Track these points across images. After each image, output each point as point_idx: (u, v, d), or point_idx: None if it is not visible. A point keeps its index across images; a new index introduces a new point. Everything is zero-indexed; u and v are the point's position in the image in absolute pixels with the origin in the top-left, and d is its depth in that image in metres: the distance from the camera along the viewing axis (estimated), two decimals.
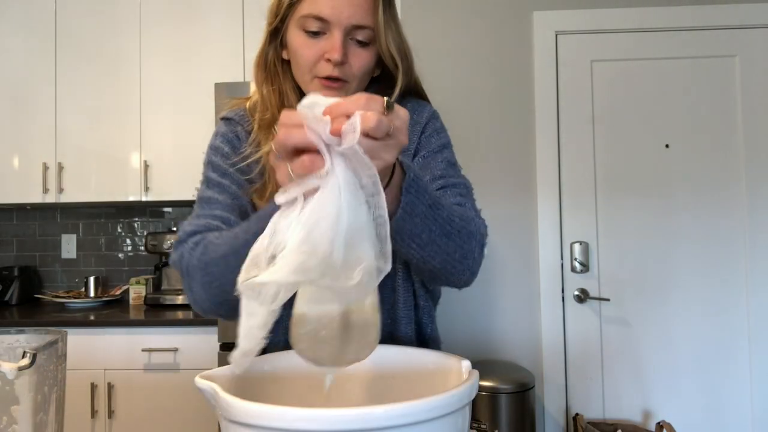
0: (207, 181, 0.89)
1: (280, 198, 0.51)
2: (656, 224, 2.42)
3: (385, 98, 0.52)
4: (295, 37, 0.84)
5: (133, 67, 2.61)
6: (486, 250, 0.81)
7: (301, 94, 0.87)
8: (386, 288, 0.89)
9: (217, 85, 2.28)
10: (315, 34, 0.82)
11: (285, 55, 0.89)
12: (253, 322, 0.50)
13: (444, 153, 0.90)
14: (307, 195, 0.50)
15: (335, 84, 0.83)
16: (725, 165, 2.42)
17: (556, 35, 2.48)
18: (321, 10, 0.80)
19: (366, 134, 0.49)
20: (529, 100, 2.48)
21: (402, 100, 0.95)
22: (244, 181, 0.88)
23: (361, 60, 0.84)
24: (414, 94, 0.97)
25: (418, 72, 0.96)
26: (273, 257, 0.50)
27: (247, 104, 0.94)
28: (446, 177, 0.86)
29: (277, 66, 0.90)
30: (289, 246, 0.49)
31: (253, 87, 0.96)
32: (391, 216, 0.61)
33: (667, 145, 2.44)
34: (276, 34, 0.88)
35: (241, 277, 0.50)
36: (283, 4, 0.85)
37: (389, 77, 0.91)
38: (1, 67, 2.64)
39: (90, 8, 2.63)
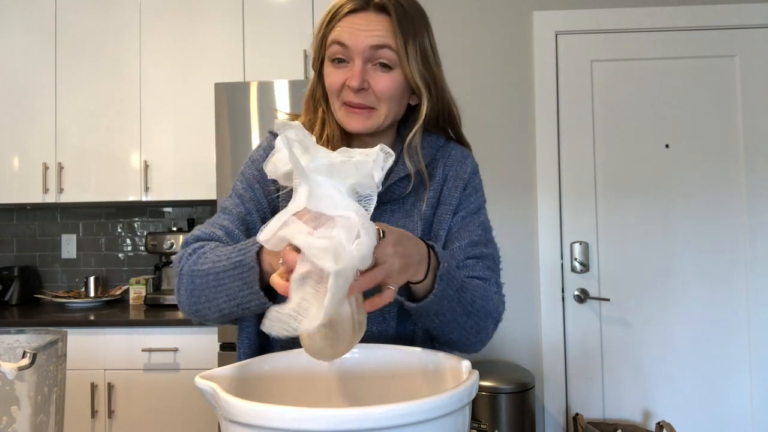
0: (233, 189, 0.96)
1: (261, 236, 0.60)
2: (656, 224, 2.42)
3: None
4: (325, 69, 0.90)
5: (133, 67, 2.61)
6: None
7: (339, 126, 0.92)
8: (407, 330, 0.91)
9: (217, 85, 2.28)
10: (340, 63, 0.86)
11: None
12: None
13: (480, 216, 0.95)
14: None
15: (361, 111, 0.87)
16: (725, 165, 2.42)
17: (556, 35, 2.48)
18: (341, 35, 0.85)
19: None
20: (529, 100, 2.48)
21: (444, 144, 0.97)
22: (264, 199, 0.92)
23: (383, 83, 0.85)
24: (451, 130, 0.99)
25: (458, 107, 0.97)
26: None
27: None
28: (480, 245, 0.91)
29: (321, 100, 0.95)
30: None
31: (253, 87, 0.98)
32: (420, 298, 0.75)
33: (667, 145, 2.44)
34: (318, 72, 0.93)
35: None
36: (317, 41, 0.90)
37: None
38: (1, 67, 2.64)
39: (90, 8, 2.63)
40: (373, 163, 0.60)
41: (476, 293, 0.82)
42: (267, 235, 0.59)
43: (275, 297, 0.74)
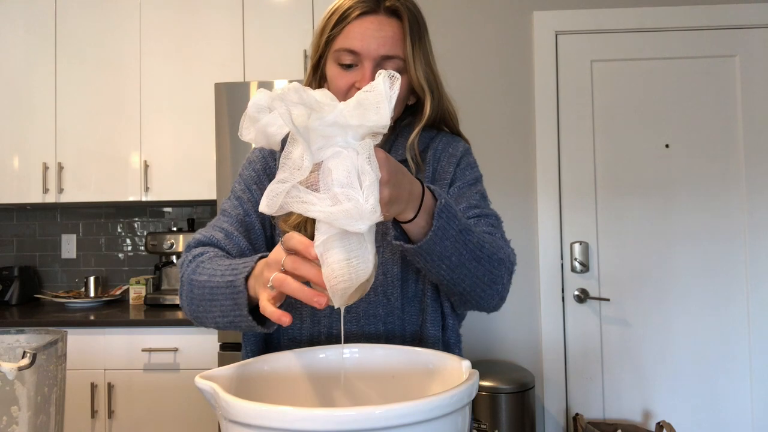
0: (231, 191, 0.98)
1: (262, 206, 0.58)
2: (656, 224, 2.42)
3: None
4: (330, 69, 0.91)
5: (133, 67, 2.61)
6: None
7: None
8: (414, 308, 0.91)
9: (217, 85, 2.28)
10: (348, 67, 0.88)
11: (326, 87, 0.94)
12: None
13: (477, 186, 0.97)
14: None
15: None
16: (725, 165, 2.42)
17: (556, 35, 2.48)
18: (352, 43, 0.86)
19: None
20: (529, 100, 2.48)
21: (436, 134, 0.99)
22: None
23: None
24: (447, 127, 1.01)
25: (455, 106, 1.00)
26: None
27: None
28: (480, 207, 0.92)
29: None
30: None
31: (253, 87, 0.99)
32: (422, 239, 0.71)
33: (667, 145, 2.44)
34: (317, 69, 0.95)
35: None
36: (321, 41, 0.91)
37: (423, 107, 0.95)
38: (1, 67, 2.64)
39: (90, 8, 2.63)
40: (382, 95, 0.59)
41: (484, 239, 0.79)
42: (272, 208, 0.57)
43: (264, 320, 0.75)
